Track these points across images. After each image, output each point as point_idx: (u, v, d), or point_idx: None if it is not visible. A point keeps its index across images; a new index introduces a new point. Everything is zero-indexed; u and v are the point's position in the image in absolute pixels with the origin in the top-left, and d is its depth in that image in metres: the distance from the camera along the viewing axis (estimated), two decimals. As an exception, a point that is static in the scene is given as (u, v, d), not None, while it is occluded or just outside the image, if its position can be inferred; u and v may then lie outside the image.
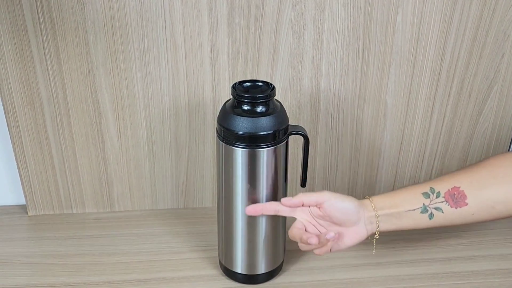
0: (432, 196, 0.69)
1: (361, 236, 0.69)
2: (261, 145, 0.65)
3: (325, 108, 0.86)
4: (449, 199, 0.68)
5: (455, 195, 0.68)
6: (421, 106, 0.88)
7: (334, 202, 0.67)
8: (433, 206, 0.69)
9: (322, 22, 0.79)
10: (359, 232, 0.68)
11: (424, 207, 0.69)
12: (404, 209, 0.69)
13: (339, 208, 0.67)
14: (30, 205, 0.90)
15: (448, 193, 0.69)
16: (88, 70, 0.79)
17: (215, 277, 0.77)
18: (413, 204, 0.69)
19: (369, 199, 0.70)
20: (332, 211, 0.67)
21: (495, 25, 0.83)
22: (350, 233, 0.68)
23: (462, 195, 0.68)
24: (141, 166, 0.88)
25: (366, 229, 0.69)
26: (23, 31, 0.75)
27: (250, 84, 0.69)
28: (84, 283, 0.75)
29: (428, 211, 0.69)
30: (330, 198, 0.67)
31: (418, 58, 0.84)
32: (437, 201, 0.69)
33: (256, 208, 0.68)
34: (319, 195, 0.67)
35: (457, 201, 0.68)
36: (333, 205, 0.67)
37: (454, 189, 0.69)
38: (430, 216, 0.69)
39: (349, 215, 0.67)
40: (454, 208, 0.68)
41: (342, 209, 0.67)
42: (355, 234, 0.68)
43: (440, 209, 0.69)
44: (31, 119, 0.82)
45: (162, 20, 0.77)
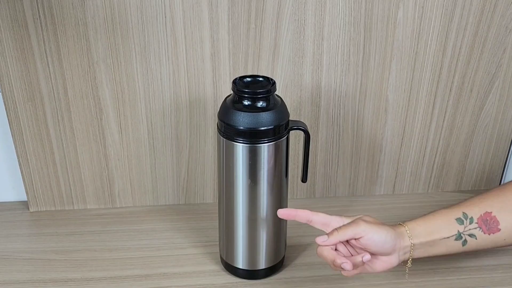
0: (465, 222, 0.68)
1: (392, 264, 0.66)
2: (262, 140, 0.65)
3: (326, 104, 0.86)
4: (482, 225, 0.68)
5: (488, 220, 0.68)
6: (422, 101, 0.88)
7: (372, 236, 0.63)
8: (467, 233, 0.68)
9: (323, 17, 0.79)
10: (391, 261, 0.66)
11: (459, 234, 0.68)
12: (439, 237, 0.67)
13: (377, 242, 0.63)
14: (31, 201, 0.90)
15: (481, 219, 0.68)
16: (88, 66, 0.79)
17: (216, 272, 0.77)
18: (447, 232, 0.67)
19: (405, 226, 0.67)
20: (369, 245, 0.63)
21: (497, 19, 0.82)
22: (382, 262, 0.66)
23: (495, 220, 0.68)
24: (142, 162, 0.88)
25: (399, 259, 0.66)
26: (24, 27, 0.75)
27: (250, 79, 0.69)
28: (86, 279, 0.75)
29: (463, 238, 0.67)
30: (367, 232, 0.63)
31: (419, 53, 0.84)
32: (471, 227, 0.68)
33: (290, 213, 0.66)
34: (355, 229, 0.63)
35: (490, 227, 0.68)
36: (371, 239, 0.63)
37: (486, 215, 0.68)
38: (464, 243, 0.68)
39: (386, 249, 0.64)
40: (488, 234, 0.68)
41: (380, 242, 0.64)
42: (387, 262, 0.66)
43: (474, 235, 0.68)
44: (32, 115, 0.82)
45: (163, 16, 0.77)
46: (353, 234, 0.63)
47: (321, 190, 0.95)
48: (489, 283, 0.75)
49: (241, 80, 0.68)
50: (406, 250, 0.67)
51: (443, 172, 0.96)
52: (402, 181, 0.96)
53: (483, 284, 0.75)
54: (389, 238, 0.64)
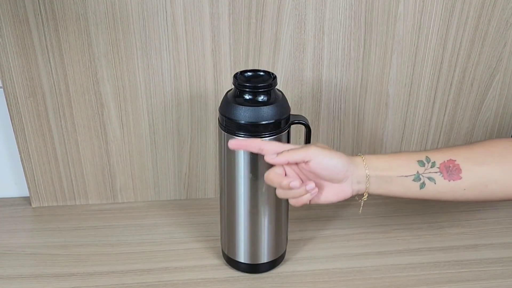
0: (427, 165, 0.67)
1: (345, 195, 0.65)
2: (263, 134, 0.66)
3: (326, 98, 0.86)
4: (444, 170, 0.66)
5: (450, 167, 0.66)
6: (423, 95, 0.88)
7: (321, 159, 0.62)
8: (426, 175, 0.66)
9: (323, 12, 0.79)
10: (343, 190, 0.65)
11: (418, 175, 0.66)
12: (396, 174, 0.65)
13: (326, 166, 0.63)
14: (33, 197, 0.90)
15: (444, 165, 0.66)
16: (90, 62, 0.79)
17: (218, 266, 0.77)
18: (406, 171, 0.66)
19: (362, 157, 0.66)
20: (318, 168, 0.62)
21: (497, 13, 0.82)
22: (333, 189, 0.65)
23: (457, 168, 0.66)
24: (144, 157, 0.89)
25: (352, 189, 0.65)
26: (25, 22, 0.75)
27: (251, 73, 0.69)
28: (88, 273, 0.76)
29: (421, 179, 0.66)
30: (317, 155, 0.62)
31: (420, 47, 0.84)
32: (431, 170, 0.66)
33: (240, 143, 0.65)
34: (305, 152, 0.62)
35: (451, 173, 0.66)
36: (320, 163, 0.62)
37: (450, 162, 0.67)
38: (421, 185, 0.66)
39: (336, 173, 0.63)
40: (447, 180, 0.66)
41: (330, 166, 0.63)
42: (339, 191, 0.65)
43: (433, 179, 0.66)
44: (33, 111, 0.82)
45: (163, 11, 0.77)
46: (303, 157, 0.62)
47: (322, 184, 0.95)
48: (489, 276, 0.76)
49: (242, 74, 0.69)
50: (360, 180, 0.65)
51: (443, 166, 0.96)
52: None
53: (483, 278, 0.75)
54: (340, 164, 0.63)
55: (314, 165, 0.62)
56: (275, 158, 0.63)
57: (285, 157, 0.62)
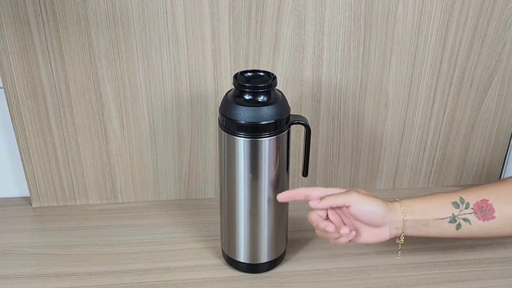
0: (461, 207, 0.69)
1: (383, 238, 0.68)
2: (263, 135, 0.66)
3: (326, 98, 0.87)
4: (478, 211, 0.68)
5: (483, 207, 0.68)
6: (422, 96, 0.88)
7: (361, 206, 0.66)
8: (462, 216, 0.68)
9: (323, 13, 0.79)
10: (381, 234, 0.68)
11: (453, 217, 0.68)
12: (433, 217, 0.68)
13: (365, 212, 0.66)
14: (34, 197, 0.91)
15: (477, 205, 0.69)
16: (90, 62, 0.80)
17: (218, 266, 0.78)
18: (442, 213, 0.68)
19: (400, 202, 0.68)
20: (358, 214, 0.66)
21: (496, 14, 0.83)
22: (372, 232, 0.68)
23: (490, 208, 0.68)
24: (144, 158, 0.89)
25: (390, 233, 0.68)
26: (26, 23, 0.76)
27: (251, 74, 0.69)
28: (88, 273, 0.76)
29: (457, 221, 0.68)
30: (357, 202, 0.66)
31: (419, 48, 0.84)
32: (466, 212, 0.68)
33: (288, 195, 0.68)
34: (346, 197, 0.66)
35: (485, 214, 0.68)
36: (360, 209, 0.66)
37: (483, 202, 0.69)
38: (457, 226, 0.68)
39: (375, 220, 0.67)
40: (482, 220, 0.68)
41: (369, 213, 0.66)
42: (377, 235, 0.68)
43: (468, 220, 0.68)
44: (34, 111, 0.82)
45: (164, 12, 0.77)
46: (344, 202, 0.66)
47: (322, 184, 0.95)
48: (488, 276, 0.76)
49: (242, 74, 0.69)
50: (398, 225, 0.68)
51: (443, 166, 0.97)
52: (402, 175, 0.97)
53: (482, 277, 0.76)
54: (379, 210, 0.66)
55: (354, 210, 0.66)
56: (318, 204, 0.67)
57: (328, 202, 0.67)
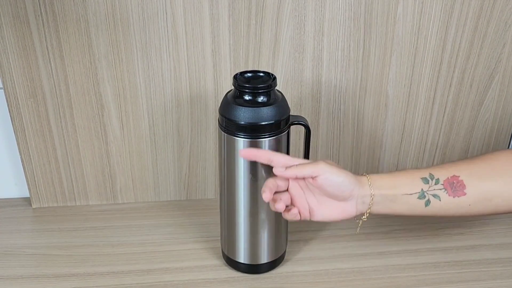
0: (431, 182, 0.67)
1: (349, 214, 0.66)
2: (263, 135, 0.66)
3: (326, 99, 0.87)
4: (448, 187, 0.67)
5: (454, 183, 0.67)
6: (422, 96, 0.88)
7: (329, 175, 0.63)
8: (431, 192, 0.66)
9: (323, 13, 0.79)
10: (347, 209, 0.65)
11: (422, 193, 0.66)
12: (401, 192, 0.66)
13: (333, 182, 0.63)
14: (34, 198, 0.91)
15: (447, 181, 0.67)
16: (90, 63, 0.80)
17: (218, 267, 0.78)
18: (411, 188, 0.66)
19: (367, 176, 0.66)
20: (325, 185, 0.63)
21: (496, 15, 0.83)
22: (338, 207, 0.65)
23: (461, 184, 0.67)
24: (144, 158, 0.89)
25: (356, 208, 0.65)
26: (25, 24, 0.76)
27: (251, 74, 0.69)
28: (88, 274, 0.76)
29: (426, 197, 0.66)
30: (325, 172, 0.63)
31: (419, 48, 0.84)
32: (436, 187, 0.67)
33: (250, 152, 0.65)
34: (314, 167, 0.63)
35: (455, 189, 0.67)
36: (328, 179, 0.63)
37: (454, 178, 0.67)
38: (426, 202, 0.66)
39: (342, 191, 0.64)
40: (452, 196, 0.66)
41: (336, 183, 0.63)
42: (343, 210, 0.65)
43: (438, 196, 0.66)
44: (34, 111, 0.82)
45: (163, 12, 0.77)
46: (311, 172, 0.63)
47: (322, 185, 0.95)
48: (489, 277, 0.76)
49: (242, 75, 0.69)
50: (365, 200, 0.65)
51: (443, 167, 0.97)
52: (402, 176, 0.96)
53: (482, 278, 0.76)
54: (347, 181, 0.64)
55: (321, 181, 0.63)
56: (284, 172, 0.64)
57: (294, 171, 0.63)
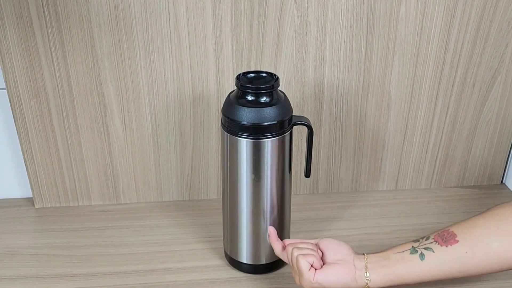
0: (421, 240, 0.68)
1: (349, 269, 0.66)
2: (266, 135, 0.66)
3: (329, 99, 0.87)
4: (439, 239, 0.66)
5: (444, 235, 0.66)
6: (424, 97, 0.88)
7: (330, 239, 0.70)
8: (422, 246, 0.66)
9: (325, 13, 0.79)
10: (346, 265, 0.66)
11: (413, 249, 0.66)
12: (392, 252, 0.67)
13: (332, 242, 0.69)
14: (36, 198, 0.91)
15: (438, 235, 0.67)
16: (93, 63, 0.80)
17: (220, 267, 0.78)
18: (401, 247, 0.68)
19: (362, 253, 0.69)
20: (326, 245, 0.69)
21: (499, 15, 0.83)
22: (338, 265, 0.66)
23: (452, 234, 0.66)
24: (146, 159, 0.89)
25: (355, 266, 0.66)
26: (28, 24, 0.76)
27: (254, 75, 0.69)
28: (91, 274, 0.76)
29: (418, 251, 0.66)
30: (324, 238, 0.70)
31: (421, 48, 0.84)
32: (426, 243, 0.67)
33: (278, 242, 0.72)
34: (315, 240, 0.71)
35: (446, 239, 0.65)
36: (327, 240, 0.70)
37: (444, 231, 0.67)
38: (421, 256, 0.65)
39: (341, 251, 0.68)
40: (445, 246, 0.65)
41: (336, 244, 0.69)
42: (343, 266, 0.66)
43: (430, 248, 0.66)
44: (37, 112, 0.83)
45: (166, 13, 0.77)
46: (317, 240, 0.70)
47: (324, 185, 0.95)
48: (491, 277, 0.75)
49: (245, 75, 0.69)
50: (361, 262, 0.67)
51: (445, 167, 0.96)
52: (404, 176, 0.97)
53: (484, 279, 0.75)
54: (345, 244, 0.69)
55: (323, 241, 0.69)
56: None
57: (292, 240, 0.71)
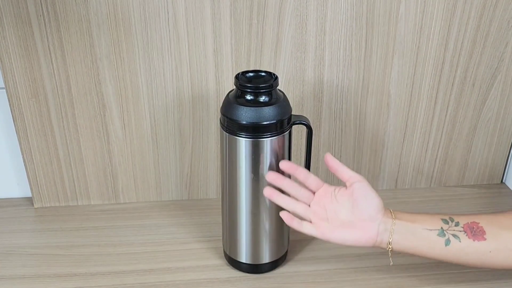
0: (450, 224, 0.67)
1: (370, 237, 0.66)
2: (265, 135, 0.66)
3: (328, 99, 0.87)
4: (468, 230, 0.66)
5: (474, 228, 0.66)
6: (424, 96, 0.88)
7: (366, 186, 0.66)
8: (451, 232, 0.66)
9: (324, 12, 0.79)
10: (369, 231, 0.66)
11: (442, 231, 0.66)
12: (421, 226, 0.66)
13: (368, 194, 0.66)
14: (36, 197, 0.91)
15: (467, 225, 0.67)
16: (92, 62, 0.80)
17: (219, 266, 0.78)
18: (431, 224, 0.66)
19: (389, 209, 0.68)
20: (360, 194, 0.65)
21: (499, 14, 0.82)
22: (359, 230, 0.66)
23: (481, 230, 0.66)
24: (146, 158, 0.89)
25: (378, 232, 0.66)
26: (27, 24, 0.76)
27: (253, 74, 0.69)
28: (90, 274, 0.76)
29: (446, 235, 0.66)
30: (363, 181, 0.66)
31: (421, 47, 0.84)
32: (456, 229, 0.67)
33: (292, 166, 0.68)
34: (356, 174, 0.66)
35: (475, 233, 0.66)
36: (365, 188, 0.66)
37: (473, 223, 0.67)
38: (446, 242, 0.66)
39: (372, 207, 0.66)
40: (472, 240, 0.66)
41: (371, 196, 0.66)
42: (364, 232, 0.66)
43: (458, 237, 0.66)
44: (36, 111, 0.83)
45: (165, 12, 0.77)
46: (352, 176, 0.66)
47: (324, 185, 0.95)
48: (492, 277, 0.75)
49: (244, 75, 0.69)
50: (387, 226, 0.66)
51: (445, 166, 0.96)
52: (404, 176, 0.96)
53: (485, 278, 0.75)
54: (378, 199, 0.66)
55: (358, 188, 0.66)
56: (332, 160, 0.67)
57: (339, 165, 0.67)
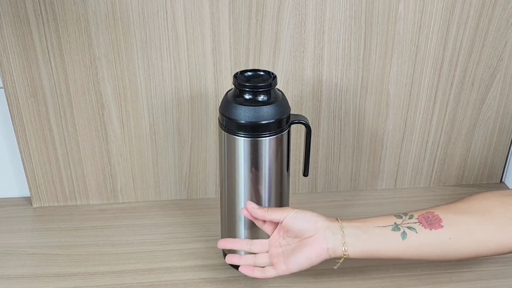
0: (404, 218, 0.65)
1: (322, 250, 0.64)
2: (263, 134, 0.66)
3: (327, 98, 0.86)
4: (423, 220, 0.64)
5: (429, 218, 0.64)
6: (423, 95, 0.88)
7: (293, 214, 0.66)
8: (405, 225, 0.64)
9: (323, 11, 0.79)
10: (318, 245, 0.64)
11: (396, 225, 0.64)
12: (373, 225, 0.64)
13: (297, 217, 0.66)
14: (34, 197, 0.90)
15: (422, 216, 0.65)
16: (90, 62, 0.79)
17: (218, 266, 0.77)
18: (384, 222, 0.65)
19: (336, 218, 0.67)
20: (291, 223, 0.65)
21: (498, 13, 0.82)
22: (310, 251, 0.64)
23: (437, 218, 0.64)
24: (144, 158, 0.89)
25: (326, 240, 0.64)
26: (25, 23, 0.76)
27: (251, 73, 0.69)
28: (89, 273, 0.76)
29: (400, 229, 0.64)
30: (289, 212, 0.66)
31: (420, 47, 0.84)
32: (410, 221, 0.64)
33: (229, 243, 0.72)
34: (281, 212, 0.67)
35: (431, 222, 0.64)
36: (293, 216, 0.66)
37: (429, 213, 0.65)
38: (403, 235, 0.63)
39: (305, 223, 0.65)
40: (429, 229, 0.63)
41: (301, 216, 0.66)
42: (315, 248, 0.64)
43: (414, 229, 0.63)
44: (34, 111, 0.82)
45: (164, 11, 0.77)
46: (281, 214, 0.67)
47: (323, 184, 0.95)
48: (490, 276, 0.76)
49: (242, 74, 0.69)
50: (335, 231, 0.64)
51: (444, 166, 0.96)
52: (403, 175, 0.96)
53: (484, 277, 0.75)
54: (309, 213, 0.66)
55: (287, 220, 0.66)
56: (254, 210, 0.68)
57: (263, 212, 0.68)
